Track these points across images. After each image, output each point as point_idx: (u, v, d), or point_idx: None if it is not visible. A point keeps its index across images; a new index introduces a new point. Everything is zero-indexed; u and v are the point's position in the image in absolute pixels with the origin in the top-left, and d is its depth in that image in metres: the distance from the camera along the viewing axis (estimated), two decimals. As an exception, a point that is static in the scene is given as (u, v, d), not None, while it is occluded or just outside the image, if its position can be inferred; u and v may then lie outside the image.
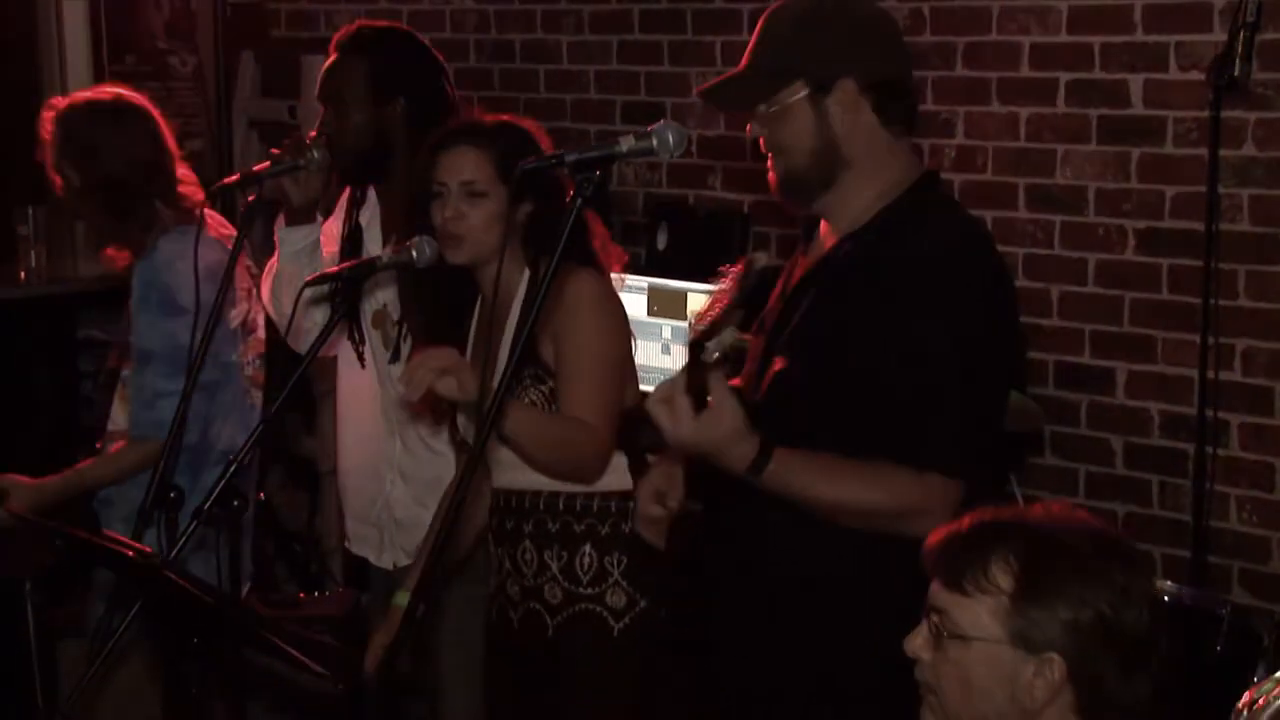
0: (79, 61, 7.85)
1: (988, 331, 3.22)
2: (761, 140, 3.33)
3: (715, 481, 3.21)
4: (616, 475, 3.91)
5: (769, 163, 3.36)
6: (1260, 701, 3.18)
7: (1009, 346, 3.46)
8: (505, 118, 4.06)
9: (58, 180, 4.59)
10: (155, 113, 4.72)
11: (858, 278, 3.24)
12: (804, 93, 3.24)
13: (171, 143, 4.69)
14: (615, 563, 3.94)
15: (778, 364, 3.31)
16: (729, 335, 2.85)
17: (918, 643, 2.71)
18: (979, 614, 2.63)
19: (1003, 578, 2.61)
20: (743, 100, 3.36)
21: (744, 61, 3.39)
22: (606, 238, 4.03)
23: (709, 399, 2.92)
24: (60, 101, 4.79)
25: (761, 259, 2.85)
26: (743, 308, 2.87)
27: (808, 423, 3.20)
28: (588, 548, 3.93)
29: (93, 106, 4.69)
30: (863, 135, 3.26)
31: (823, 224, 3.40)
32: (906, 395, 3.13)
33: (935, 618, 2.68)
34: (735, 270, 2.89)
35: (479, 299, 4.07)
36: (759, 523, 3.30)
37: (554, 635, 3.96)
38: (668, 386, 2.96)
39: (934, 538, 2.74)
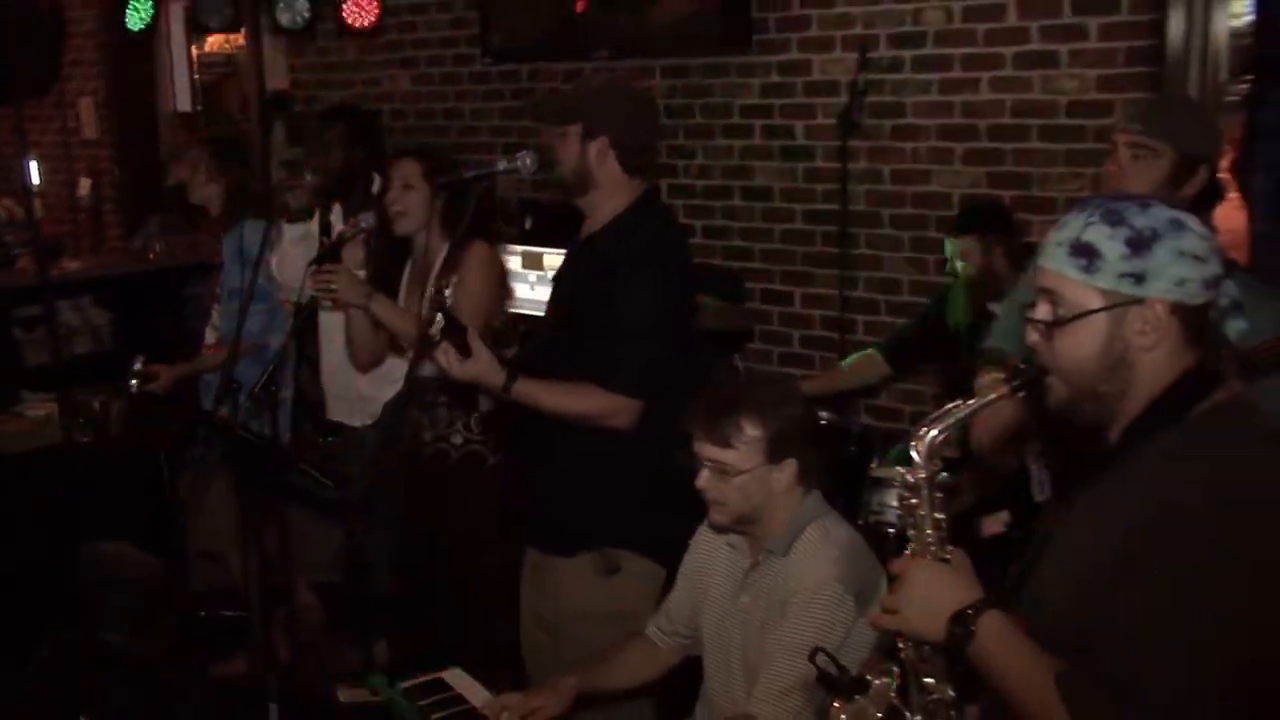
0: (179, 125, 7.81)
1: (669, 301, 3.04)
2: (546, 147, 3.16)
3: (517, 427, 3.15)
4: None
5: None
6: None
7: (686, 308, 3.18)
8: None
9: (211, 185, 4.55)
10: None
11: (593, 265, 3.10)
12: (578, 133, 3.08)
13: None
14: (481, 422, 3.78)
15: (548, 315, 3.26)
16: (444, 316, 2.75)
17: (704, 482, 2.63)
18: (746, 454, 2.57)
19: (751, 428, 2.58)
20: (547, 116, 3.19)
21: (556, 100, 3.30)
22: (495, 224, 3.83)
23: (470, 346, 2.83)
24: (208, 137, 4.83)
25: (446, 290, 2.73)
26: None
27: (556, 356, 3.11)
28: (476, 414, 3.75)
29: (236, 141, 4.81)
30: (606, 171, 3.09)
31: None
32: (609, 343, 3.00)
33: (713, 465, 2.61)
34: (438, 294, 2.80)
35: (408, 261, 3.89)
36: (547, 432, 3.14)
37: (456, 462, 3.76)
38: (442, 346, 2.86)
39: (693, 411, 2.64)
